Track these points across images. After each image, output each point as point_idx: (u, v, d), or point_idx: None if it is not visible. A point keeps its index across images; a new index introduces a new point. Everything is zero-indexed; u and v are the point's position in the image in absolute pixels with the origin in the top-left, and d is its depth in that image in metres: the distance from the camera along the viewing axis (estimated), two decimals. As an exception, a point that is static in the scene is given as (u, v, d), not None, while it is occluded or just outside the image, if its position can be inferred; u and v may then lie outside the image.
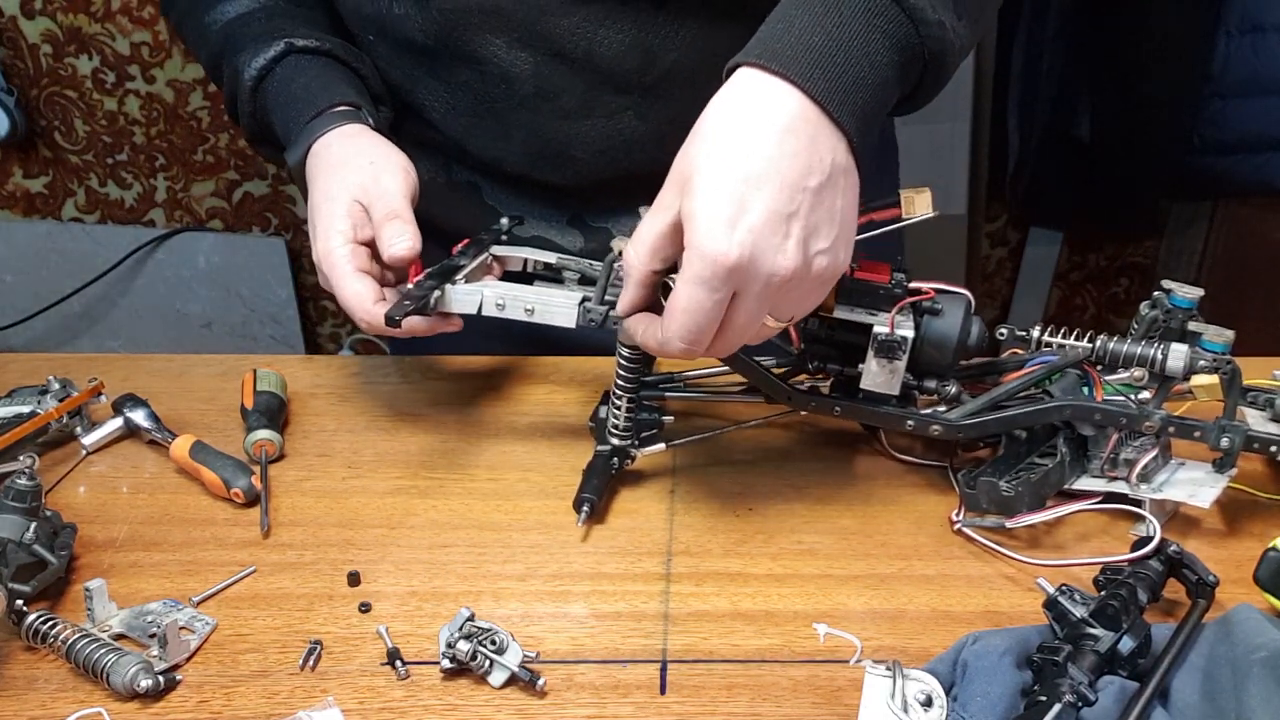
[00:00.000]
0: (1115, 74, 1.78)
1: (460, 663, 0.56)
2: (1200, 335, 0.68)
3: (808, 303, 0.61)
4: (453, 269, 0.74)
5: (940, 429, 0.68)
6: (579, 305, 0.70)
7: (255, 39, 0.87)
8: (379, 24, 0.86)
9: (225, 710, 0.56)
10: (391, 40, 0.87)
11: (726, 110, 0.58)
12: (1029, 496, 0.67)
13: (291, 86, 0.85)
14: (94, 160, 2.16)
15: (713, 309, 0.57)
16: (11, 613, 0.59)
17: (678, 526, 0.70)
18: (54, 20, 2.03)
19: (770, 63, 0.58)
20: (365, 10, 0.86)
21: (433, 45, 0.84)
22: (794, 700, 0.55)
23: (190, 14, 0.94)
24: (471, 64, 0.85)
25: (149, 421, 0.81)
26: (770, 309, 0.59)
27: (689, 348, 0.59)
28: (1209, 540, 0.68)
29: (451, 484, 0.76)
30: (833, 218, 0.58)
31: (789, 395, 0.71)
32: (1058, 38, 1.82)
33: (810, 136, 0.57)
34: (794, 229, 0.56)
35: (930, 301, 0.67)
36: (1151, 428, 0.66)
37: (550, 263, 0.79)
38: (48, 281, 2.21)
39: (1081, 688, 0.49)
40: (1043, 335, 0.69)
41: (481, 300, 0.71)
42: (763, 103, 0.57)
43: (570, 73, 0.83)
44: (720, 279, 0.56)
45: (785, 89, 0.57)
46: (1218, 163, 1.76)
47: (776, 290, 0.57)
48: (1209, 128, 1.75)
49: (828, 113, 0.57)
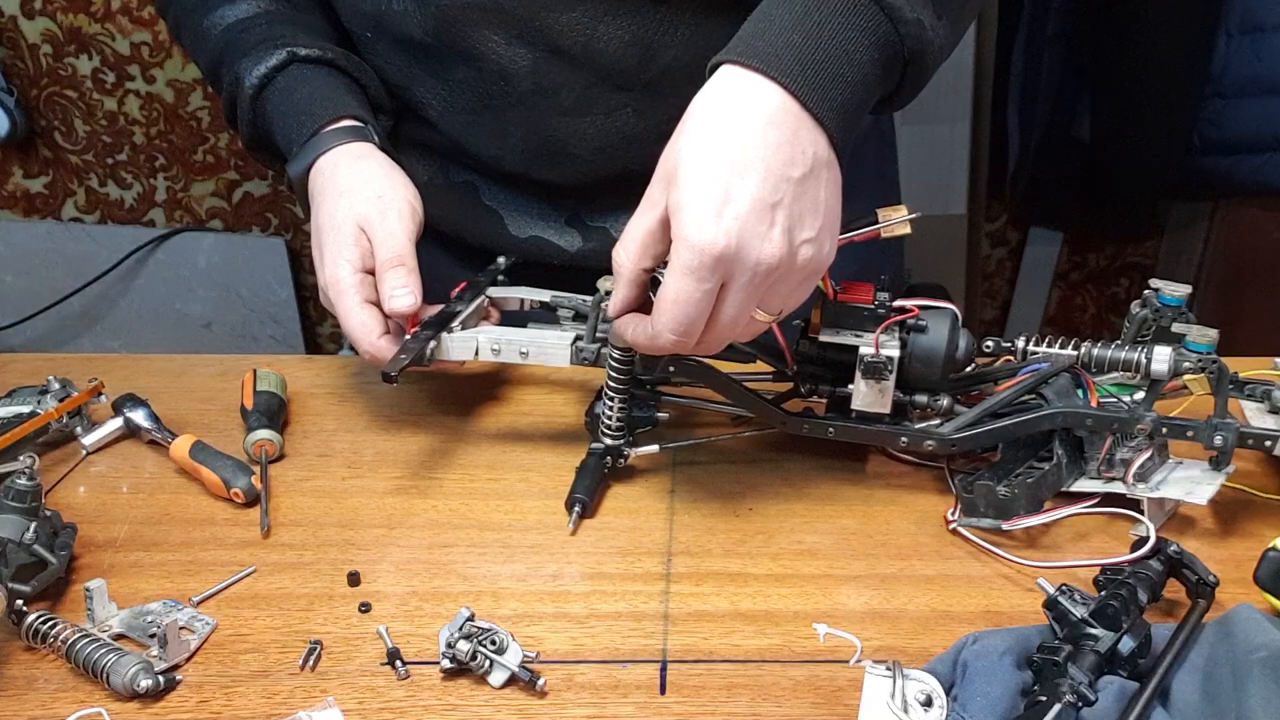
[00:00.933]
0: (1115, 74, 1.78)
1: (460, 663, 0.56)
2: (1184, 336, 0.68)
3: (795, 296, 0.61)
4: (449, 316, 0.76)
5: (934, 444, 0.69)
6: (571, 345, 0.73)
7: (256, 45, 0.86)
8: (377, 20, 0.86)
9: (225, 710, 0.56)
10: (390, 37, 0.87)
11: (710, 105, 0.59)
12: (1026, 499, 0.67)
13: (294, 97, 0.84)
14: (94, 160, 2.16)
15: (702, 299, 0.57)
16: (11, 612, 0.59)
17: (677, 526, 0.70)
18: (54, 20, 2.03)
19: (751, 60, 0.58)
20: (364, 7, 0.86)
21: (431, 41, 0.84)
22: (794, 700, 0.55)
23: (189, 17, 0.93)
24: (469, 61, 0.84)
25: (149, 421, 0.81)
26: (759, 301, 0.59)
27: (680, 339, 0.59)
28: (1209, 540, 0.68)
29: (451, 484, 0.76)
30: (816, 209, 0.58)
31: (784, 420, 0.72)
32: (1058, 38, 1.82)
33: (792, 129, 0.58)
34: (779, 218, 0.57)
35: (915, 319, 0.68)
36: (1144, 430, 0.66)
37: (545, 301, 0.82)
38: (48, 281, 2.21)
39: (1081, 688, 0.49)
40: (1028, 345, 0.69)
41: (477, 346, 0.74)
42: (745, 98, 0.58)
43: (569, 69, 0.83)
44: (708, 268, 0.56)
45: (767, 85, 0.58)
46: (1218, 163, 1.76)
47: (763, 280, 0.58)
48: (1209, 128, 1.75)
49: (808, 108, 0.58)
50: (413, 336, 0.72)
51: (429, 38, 0.84)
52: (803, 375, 0.72)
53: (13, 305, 2.22)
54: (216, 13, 0.90)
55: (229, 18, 0.90)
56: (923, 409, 0.70)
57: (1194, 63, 1.72)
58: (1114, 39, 1.77)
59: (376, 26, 0.87)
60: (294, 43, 0.86)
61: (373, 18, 0.86)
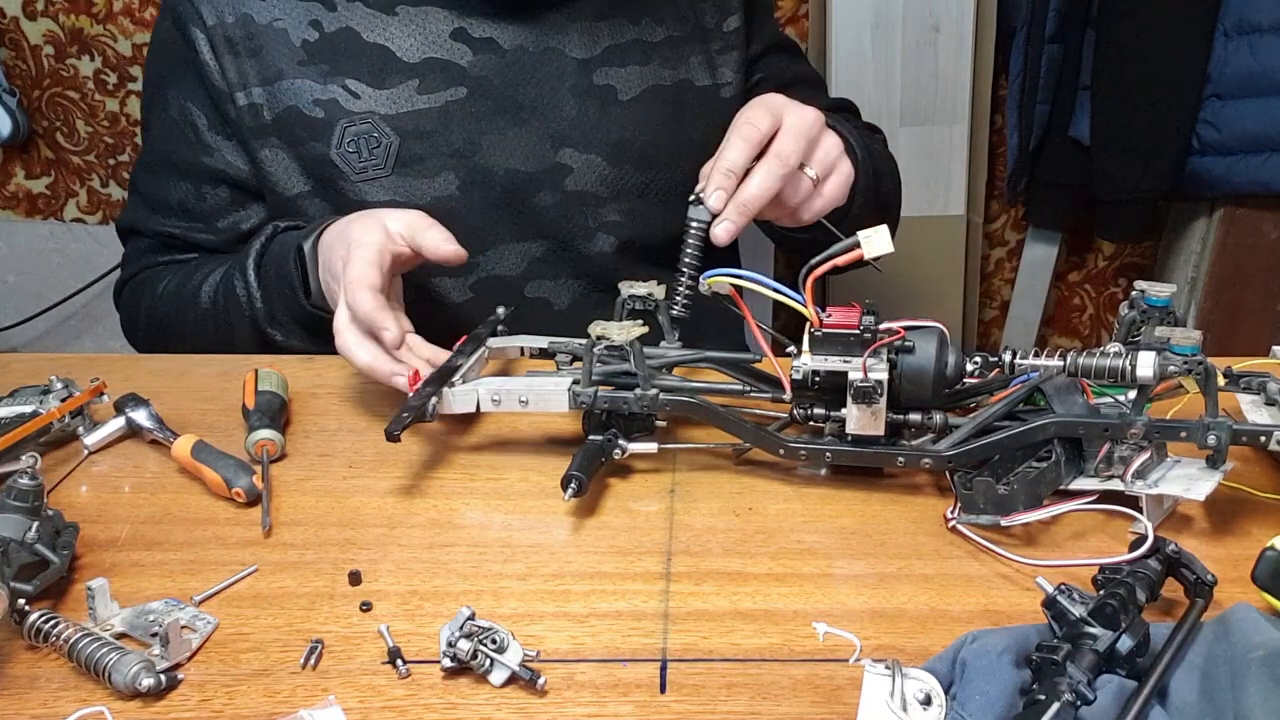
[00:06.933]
0: (1114, 74, 1.78)
1: (461, 662, 0.56)
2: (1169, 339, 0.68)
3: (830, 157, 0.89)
4: (450, 371, 0.77)
5: (930, 461, 0.69)
6: (569, 390, 0.74)
7: (243, 254, 0.98)
8: (419, 286, 0.94)
9: (227, 709, 0.56)
10: (431, 300, 0.98)
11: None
12: (1025, 495, 0.67)
13: (289, 235, 0.96)
14: (96, 161, 2.16)
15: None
16: (14, 612, 0.59)
17: (678, 526, 0.71)
18: (56, 22, 2.03)
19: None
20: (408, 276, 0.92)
21: (466, 304, 0.96)
22: (793, 699, 0.56)
23: (174, 304, 1.05)
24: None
25: (151, 421, 0.81)
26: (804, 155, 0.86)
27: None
28: (1207, 539, 0.68)
29: (452, 483, 0.76)
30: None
31: (781, 448, 0.72)
32: (1057, 38, 1.82)
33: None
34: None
35: (901, 340, 0.68)
36: (1136, 434, 0.66)
37: (543, 348, 0.84)
38: (50, 281, 2.21)
39: (1080, 686, 0.49)
40: (1014, 359, 0.69)
41: (478, 398, 0.75)
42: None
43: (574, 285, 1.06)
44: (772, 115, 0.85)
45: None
46: (1217, 163, 1.76)
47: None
48: (1208, 128, 1.75)
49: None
50: (415, 394, 0.74)
51: (465, 302, 1.01)
52: (797, 402, 0.73)
53: (15, 305, 2.22)
54: (200, 293, 1.02)
55: (215, 277, 1.01)
56: (917, 427, 0.71)
57: (1192, 63, 1.72)
58: (1112, 39, 1.77)
59: (418, 289, 0.95)
60: (276, 226, 0.99)
61: (413, 284, 0.93)
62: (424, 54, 1.00)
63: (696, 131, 1.07)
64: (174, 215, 1.07)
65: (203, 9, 1.00)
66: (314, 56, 1.00)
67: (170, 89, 1.05)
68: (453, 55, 1.01)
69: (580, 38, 1.04)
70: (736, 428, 0.73)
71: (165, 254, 1.09)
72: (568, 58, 1.03)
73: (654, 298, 0.81)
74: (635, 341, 0.73)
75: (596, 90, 1.04)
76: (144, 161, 1.10)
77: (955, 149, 1.92)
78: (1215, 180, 1.78)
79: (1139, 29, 1.73)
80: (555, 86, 1.03)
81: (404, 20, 1.00)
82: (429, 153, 1.00)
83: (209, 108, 1.03)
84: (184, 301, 1.03)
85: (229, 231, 1.07)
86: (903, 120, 1.90)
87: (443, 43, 1.00)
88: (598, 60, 1.04)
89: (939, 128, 1.91)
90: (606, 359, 0.76)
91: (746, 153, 0.83)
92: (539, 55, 1.02)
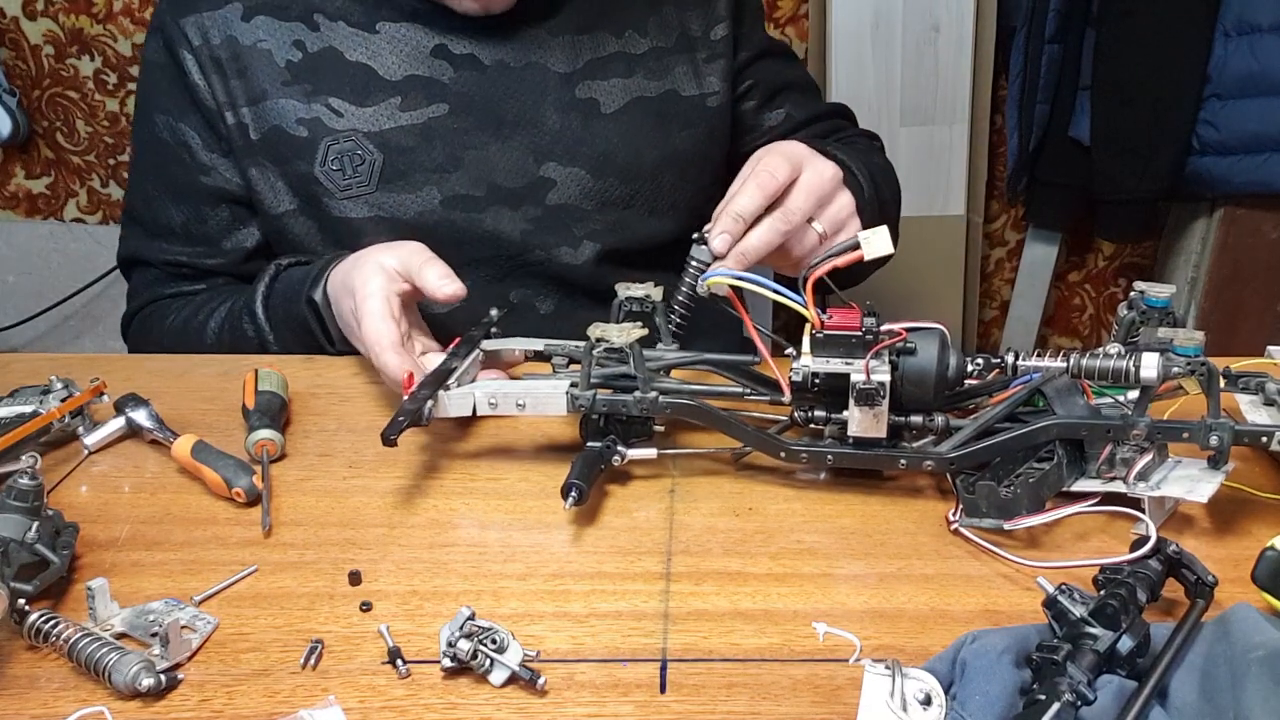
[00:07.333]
0: (1114, 74, 1.78)
1: (461, 662, 0.56)
2: (1171, 340, 0.68)
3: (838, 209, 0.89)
4: (445, 374, 0.76)
5: (932, 464, 0.69)
6: (566, 393, 0.73)
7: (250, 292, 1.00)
8: (432, 317, 0.93)
9: (227, 709, 0.56)
10: (439, 327, 0.97)
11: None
12: (1028, 499, 0.67)
13: (296, 271, 0.98)
14: (96, 161, 2.16)
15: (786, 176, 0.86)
16: (14, 612, 0.59)
17: (677, 526, 0.71)
18: (56, 21, 2.03)
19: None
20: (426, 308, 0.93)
21: (449, 309, 0.94)
22: (793, 699, 0.56)
23: (184, 332, 1.05)
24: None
25: (151, 421, 0.81)
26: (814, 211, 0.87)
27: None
28: (1207, 540, 0.68)
29: (452, 483, 0.76)
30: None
31: (782, 451, 0.72)
32: (1057, 38, 1.83)
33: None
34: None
35: (903, 342, 0.68)
36: (1139, 436, 0.66)
37: (539, 350, 0.83)
38: (50, 281, 2.21)
39: (1080, 686, 0.49)
40: (1017, 360, 0.69)
41: (474, 402, 0.75)
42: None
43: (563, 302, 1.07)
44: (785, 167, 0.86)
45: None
46: (1217, 163, 1.76)
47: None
48: (1208, 128, 1.75)
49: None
50: (410, 397, 0.73)
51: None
52: (797, 405, 0.73)
53: (15, 305, 2.23)
54: (209, 326, 1.03)
55: (220, 314, 1.03)
56: (919, 429, 0.71)
57: (1192, 63, 1.72)
58: (1112, 39, 1.77)
59: (431, 317, 0.94)
60: (279, 265, 1.00)
61: (429, 315, 0.93)
62: (406, 71, 1.01)
63: (682, 142, 1.08)
64: (177, 240, 1.08)
65: (189, 31, 1.01)
66: (297, 76, 1.01)
67: (161, 112, 1.05)
68: (434, 72, 1.01)
69: (562, 52, 1.04)
70: (737, 431, 0.73)
71: (173, 285, 1.09)
72: (550, 72, 1.04)
73: (651, 299, 0.81)
74: (635, 344, 0.72)
75: (579, 104, 1.04)
76: (138, 189, 1.10)
77: (955, 149, 1.92)
78: (1215, 180, 1.78)
79: (1139, 29, 1.73)
80: (537, 101, 1.03)
81: (385, 38, 1.01)
82: (412, 168, 1.01)
83: (203, 126, 1.03)
84: (189, 339, 1.04)
85: (235, 252, 1.07)
86: (903, 120, 1.90)
87: (424, 60, 1.01)
88: (580, 74, 1.05)
89: (939, 128, 1.91)
90: (604, 361, 0.76)
91: (759, 201, 0.83)
92: (520, 70, 1.03)
